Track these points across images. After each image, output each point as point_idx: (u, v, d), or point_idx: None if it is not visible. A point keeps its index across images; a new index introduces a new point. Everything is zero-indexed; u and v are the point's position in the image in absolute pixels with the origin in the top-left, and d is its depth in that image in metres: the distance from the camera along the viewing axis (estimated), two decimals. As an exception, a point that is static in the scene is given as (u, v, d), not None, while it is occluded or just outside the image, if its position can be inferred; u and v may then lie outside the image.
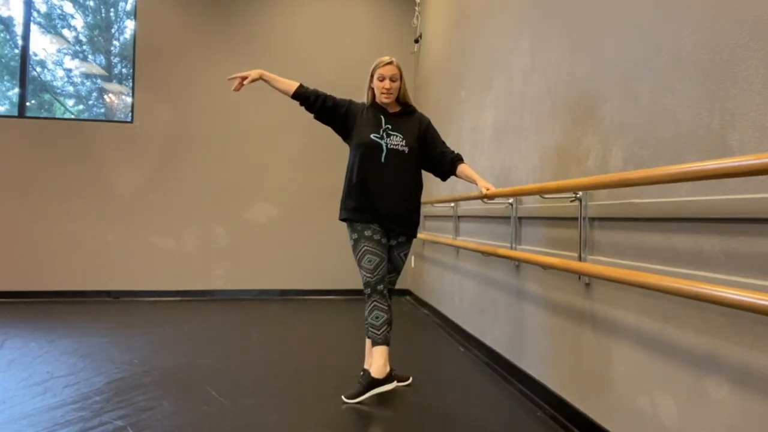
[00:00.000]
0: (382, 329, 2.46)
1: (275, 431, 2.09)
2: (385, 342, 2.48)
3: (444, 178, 2.67)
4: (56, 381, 2.66)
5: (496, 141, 3.13)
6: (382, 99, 2.53)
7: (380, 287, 2.46)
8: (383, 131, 2.51)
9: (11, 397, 2.41)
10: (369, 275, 2.46)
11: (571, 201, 2.13)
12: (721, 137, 1.40)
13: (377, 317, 2.46)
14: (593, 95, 2.05)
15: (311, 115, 2.65)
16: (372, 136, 2.49)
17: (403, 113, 2.60)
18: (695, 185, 1.48)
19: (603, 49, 1.99)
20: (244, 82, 2.52)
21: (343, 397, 2.44)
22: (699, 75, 1.49)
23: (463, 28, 3.90)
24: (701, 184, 1.46)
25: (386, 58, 2.52)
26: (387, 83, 2.50)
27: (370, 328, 2.48)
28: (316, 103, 2.57)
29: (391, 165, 2.49)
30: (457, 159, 2.59)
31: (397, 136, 2.52)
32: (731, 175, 1.16)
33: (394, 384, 2.52)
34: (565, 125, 2.27)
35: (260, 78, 2.53)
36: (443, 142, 2.65)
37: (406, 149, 2.52)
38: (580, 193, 2.04)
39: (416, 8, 5.56)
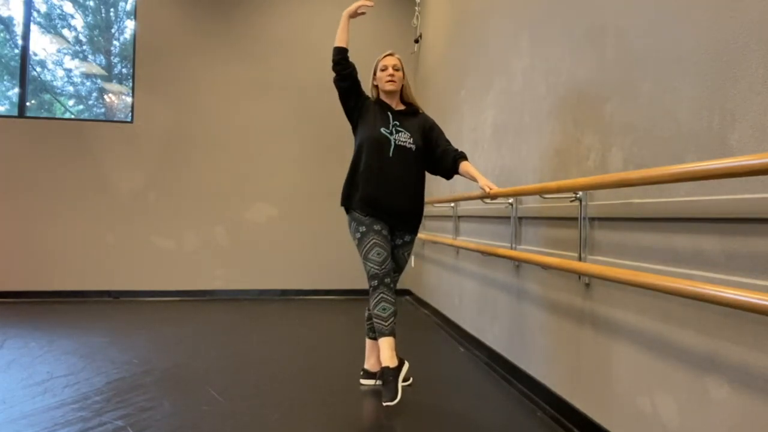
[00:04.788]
0: (389, 320, 2.43)
1: (275, 431, 2.09)
2: (392, 333, 2.44)
3: (447, 177, 2.65)
4: (56, 381, 2.66)
5: (496, 141, 3.13)
6: (386, 87, 2.56)
7: (387, 280, 2.44)
8: (392, 127, 2.53)
9: (11, 397, 2.41)
10: (377, 267, 2.43)
11: (571, 201, 2.13)
12: (721, 137, 1.40)
13: (384, 308, 2.42)
14: (593, 95, 2.05)
15: (331, 81, 2.66)
16: (382, 130, 2.51)
17: (408, 112, 2.62)
18: (695, 185, 1.48)
19: (603, 49, 1.99)
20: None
21: (384, 403, 2.25)
22: (699, 75, 1.48)
23: (463, 28, 3.90)
24: (701, 184, 1.46)
25: (387, 52, 2.61)
26: (390, 70, 2.55)
27: (376, 320, 2.43)
28: (349, 69, 2.59)
29: (397, 160, 2.50)
30: (460, 156, 2.57)
31: (404, 133, 2.54)
32: (731, 175, 1.16)
33: (407, 364, 2.50)
34: (565, 125, 2.27)
35: (349, 15, 2.61)
36: (447, 141, 2.64)
37: (413, 147, 2.53)
38: (580, 193, 2.04)
39: (416, 8, 5.56)
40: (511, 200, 2.74)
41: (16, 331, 3.76)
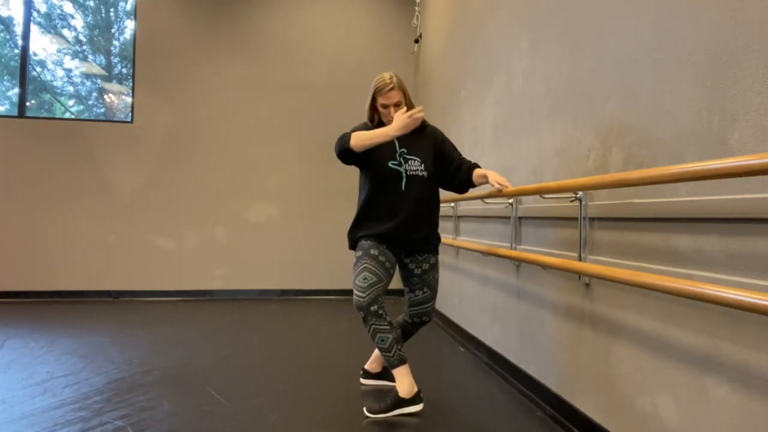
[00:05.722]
0: (393, 350, 2.29)
1: (275, 431, 2.09)
2: (401, 362, 2.32)
3: (462, 189, 2.50)
4: (56, 381, 2.66)
5: (496, 141, 3.13)
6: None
7: (374, 308, 2.24)
8: (399, 156, 2.37)
9: (11, 397, 2.41)
10: (360, 294, 2.24)
11: (571, 201, 2.13)
12: (721, 137, 1.40)
13: (382, 340, 2.28)
14: (593, 95, 2.05)
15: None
16: (390, 164, 2.35)
17: (415, 131, 2.41)
18: (695, 185, 1.48)
19: (603, 49, 1.99)
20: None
21: (365, 410, 2.30)
22: (699, 75, 1.48)
23: (463, 28, 3.90)
24: (701, 184, 1.46)
25: (386, 80, 2.32)
26: (391, 111, 2.34)
27: (381, 353, 2.33)
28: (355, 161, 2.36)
29: (412, 192, 2.36)
30: (473, 167, 2.44)
31: (414, 160, 2.38)
32: (731, 175, 1.16)
33: (421, 406, 2.33)
34: (565, 125, 2.27)
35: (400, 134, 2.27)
36: (459, 154, 2.50)
37: (425, 174, 2.39)
38: (580, 193, 2.04)
39: (416, 8, 5.56)
40: (510, 200, 2.74)
41: (16, 331, 3.76)
